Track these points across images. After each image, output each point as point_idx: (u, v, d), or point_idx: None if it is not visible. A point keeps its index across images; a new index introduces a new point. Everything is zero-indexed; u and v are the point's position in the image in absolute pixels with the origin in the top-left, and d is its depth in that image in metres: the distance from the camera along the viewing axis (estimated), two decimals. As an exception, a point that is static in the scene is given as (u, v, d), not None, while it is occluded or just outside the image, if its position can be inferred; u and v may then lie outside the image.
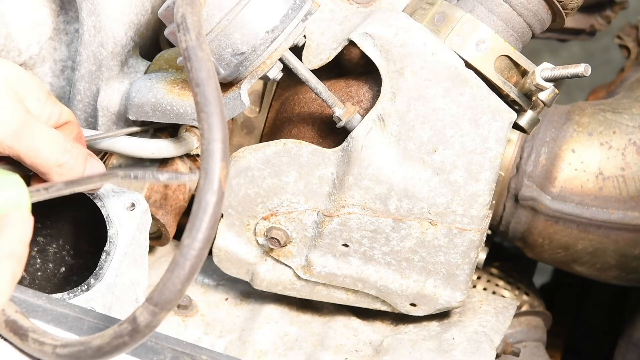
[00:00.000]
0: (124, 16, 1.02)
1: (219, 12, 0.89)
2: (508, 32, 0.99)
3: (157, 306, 0.74)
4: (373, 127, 0.96)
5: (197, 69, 0.77)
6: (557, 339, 1.41)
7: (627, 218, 1.16)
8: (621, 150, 1.17)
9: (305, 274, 1.03)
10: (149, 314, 0.74)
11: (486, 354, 1.02)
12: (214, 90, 0.76)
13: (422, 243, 0.99)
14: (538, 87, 0.95)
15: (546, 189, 1.17)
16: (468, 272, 1.01)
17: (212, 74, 0.77)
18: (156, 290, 0.74)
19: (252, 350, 1.05)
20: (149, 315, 0.74)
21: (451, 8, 0.98)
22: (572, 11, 1.00)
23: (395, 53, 0.95)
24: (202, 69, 0.77)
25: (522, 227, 1.20)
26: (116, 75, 1.05)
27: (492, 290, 1.29)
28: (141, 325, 0.75)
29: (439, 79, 0.95)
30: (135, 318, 0.75)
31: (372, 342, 1.07)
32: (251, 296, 1.11)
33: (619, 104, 1.21)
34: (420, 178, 0.97)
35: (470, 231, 0.98)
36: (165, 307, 0.74)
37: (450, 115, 0.96)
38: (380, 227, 0.98)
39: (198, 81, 0.77)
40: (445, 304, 1.03)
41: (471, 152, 0.96)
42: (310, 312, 1.10)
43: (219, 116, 0.75)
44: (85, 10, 1.01)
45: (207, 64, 0.78)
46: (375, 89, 0.99)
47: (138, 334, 0.75)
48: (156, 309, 0.74)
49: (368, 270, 1.02)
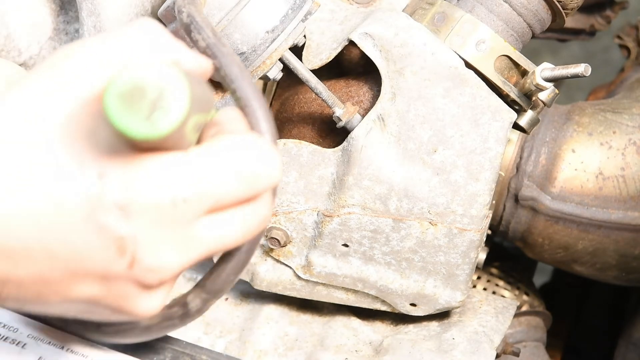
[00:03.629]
0: (124, 16, 1.02)
1: (219, 12, 0.90)
2: (508, 32, 0.99)
3: (209, 294, 0.75)
4: (373, 127, 0.96)
5: (227, 64, 0.75)
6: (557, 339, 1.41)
7: (627, 218, 1.16)
8: (621, 150, 1.17)
9: (305, 274, 1.03)
10: (201, 300, 0.75)
11: (486, 354, 1.02)
12: (251, 83, 0.75)
13: (422, 243, 0.99)
14: (538, 87, 0.95)
15: (546, 189, 1.17)
16: (468, 272, 1.01)
17: (242, 66, 0.76)
18: (209, 279, 0.75)
19: (252, 350, 1.05)
20: (200, 302, 0.75)
21: (451, 8, 0.98)
22: (572, 11, 1.00)
23: (395, 53, 0.95)
24: (232, 63, 0.75)
25: (522, 227, 1.20)
26: (116, 75, 1.05)
27: (492, 290, 1.29)
28: (192, 311, 0.76)
29: (439, 79, 0.95)
30: (186, 303, 0.76)
31: (372, 342, 1.07)
32: (251, 296, 1.11)
33: (619, 104, 1.21)
34: (420, 178, 0.97)
35: (470, 231, 0.98)
36: (216, 296, 0.75)
37: (450, 115, 0.96)
38: (380, 227, 0.98)
39: (232, 77, 0.75)
40: (445, 304, 1.03)
41: (471, 152, 0.96)
42: (310, 312, 1.10)
43: (263, 109, 0.74)
44: (85, 10, 1.01)
45: (234, 57, 0.76)
46: (375, 89, 1.00)
47: (188, 318, 0.76)
48: (208, 296, 0.75)
49: (368, 270, 1.02)
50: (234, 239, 0.69)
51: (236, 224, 0.68)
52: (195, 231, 0.66)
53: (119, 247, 0.63)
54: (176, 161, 0.64)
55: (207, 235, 0.67)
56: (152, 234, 0.64)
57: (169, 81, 0.60)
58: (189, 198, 0.64)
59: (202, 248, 0.67)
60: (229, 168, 0.66)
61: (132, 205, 0.62)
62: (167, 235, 0.64)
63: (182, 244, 0.65)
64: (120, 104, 0.59)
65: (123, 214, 0.62)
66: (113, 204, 0.62)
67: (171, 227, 0.64)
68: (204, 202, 0.65)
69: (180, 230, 0.65)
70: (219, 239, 0.68)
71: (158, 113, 0.60)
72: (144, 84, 0.60)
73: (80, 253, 0.63)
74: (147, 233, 0.63)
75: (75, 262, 0.63)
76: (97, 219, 0.62)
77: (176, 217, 0.64)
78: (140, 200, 0.62)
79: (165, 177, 0.63)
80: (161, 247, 0.64)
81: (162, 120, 0.60)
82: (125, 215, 0.62)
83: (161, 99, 0.60)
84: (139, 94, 0.60)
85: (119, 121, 0.59)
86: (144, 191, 0.62)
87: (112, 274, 0.65)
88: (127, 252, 0.63)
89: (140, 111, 0.59)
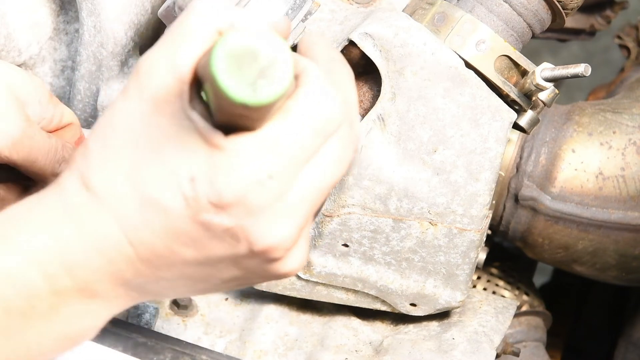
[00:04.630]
0: (124, 16, 1.02)
1: (219, 12, 0.90)
2: (508, 32, 0.99)
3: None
4: (373, 127, 0.96)
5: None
6: (557, 339, 1.41)
7: (627, 218, 1.16)
8: (621, 150, 1.17)
9: (305, 274, 1.03)
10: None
11: (486, 354, 1.02)
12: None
13: (422, 243, 0.99)
14: (538, 87, 0.95)
15: (546, 189, 1.17)
16: (468, 272, 1.01)
17: None
18: None
19: (252, 350, 1.05)
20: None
21: (451, 8, 0.98)
22: (572, 11, 1.00)
23: (395, 53, 0.95)
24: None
25: (522, 227, 1.20)
26: (116, 75, 1.05)
27: (492, 290, 1.29)
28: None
29: (439, 79, 0.95)
30: None
31: (372, 342, 1.07)
32: (251, 296, 1.11)
33: (619, 104, 1.21)
34: (420, 178, 0.97)
35: (470, 231, 0.98)
36: None
37: (450, 115, 0.96)
38: (380, 227, 0.98)
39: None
40: (445, 304, 1.03)
41: (471, 152, 0.96)
42: (310, 312, 1.10)
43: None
44: (85, 10, 1.01)
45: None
46: (375, 89, 1.00)
47: None
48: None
49: (368, 270, 1.02)
50: (331, 180, 0.70)
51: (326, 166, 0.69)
52: (292, 195, 0.68)
53: (231, 237, 0.67)
54: (252, 143, 0.66)
55: (305, 193, 0.68)
56: (254, 217, 0.66)
57: (280, 52, 0.60)
58: (273, 173, 0.66)
59: (306, 206, 0.68)
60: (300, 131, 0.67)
61: (224, 200, 0.65)
62: (267, 212, 0.67)
63: (286, 213, 0.67)
64: (229, 62, 0.59)
65: (219, 210, 0.66)
66: (208, 202, 0.65)
67: (268, 204, 0.66)
68: (289, 170, 0.67)
69: (278, 203, 0.67)
70: (317, 189, 0.69)
71: (263, 81, 0.60)
72: (256, 50, 0.60)
73: (203, 248, 0.67)
74: (249, 218, 0.66)
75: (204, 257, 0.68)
76: (201, 220, 0.66)
77: (269, 194, 0.66)
78: (228, 193, 0.65)
79: (244, 164, 0.65)
80: (268, 225, 0.67)
81: (265, 89, 0.60)
82: (222, 210, 0.66)
83: (269, 69, 0.60)
84: (249, 59, 0.60)
85: (223, 79, 0.59)
86: (229, 184, 0.65)
87: (240, 258, 0.68)
88: (241, 239, 0.67)
89: (246, 75, 0.59)
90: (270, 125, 0.66)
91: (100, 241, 0.67)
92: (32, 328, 0.68)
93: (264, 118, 0.65)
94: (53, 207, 0.68)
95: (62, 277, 0.67)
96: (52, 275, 0.67)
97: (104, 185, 0.67)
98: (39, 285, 0.67)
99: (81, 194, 0.67)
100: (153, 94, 0.66)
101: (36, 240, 0.67)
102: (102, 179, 0.67)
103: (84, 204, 0.67)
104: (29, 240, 0.67)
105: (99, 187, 0.67)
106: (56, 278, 0.67)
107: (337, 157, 0.69)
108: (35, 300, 0.67)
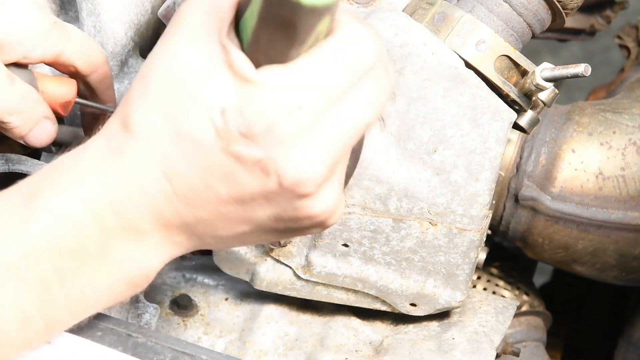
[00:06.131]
0: (124, 16, 1.02)
1: (219, 12, 0.90)
2: (508, 32, 0.99)
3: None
4: (373, 127, 0.96)
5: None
6: (557, 339, 1.41)
7: (627, 218, 1.16)
8: (621, 150, 1.17)
9: (305, 274, 1.03)
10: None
11: (486, 354, 1.02)
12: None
13: (422, 243, 0.99)
14: (538, 87, 0.95)
15: (546, 189, 1.17)
16: (468, 272, 1.01)
17: None
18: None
19: (252, 350, 1.05)
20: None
21: (451, 8, 0.98)
22: (572, 11, 1.00)
23: (395, 53, 0.95)
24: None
25: (522, 227, 1.20)
26: (116, 75, 1.05)
27: (492, 290, 1.29)
28: None
29: (439, 79, 0.95)
30: None
31: (372, 342, 1.07)
32: (251, 296, 1.11)
33: (619, 104, 1.21)
34: (420, 178, 0.97)
35: (470, 231, 0.98)
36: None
37: (450, 115, 0.96)
38: (380, 227, 0.98)
39: None
40: (445, 304, 1.03)
41: (471, 152, 0.96)
42: (310, 312, 1.10)
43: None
44: (85, 10, 1.01)
45: None
46: (375, 89, 1.00)
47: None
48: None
49: (368, 270, 1.02)
50: (363, 121, 0.69)
51: (359, 105, 0.69)
52: (322, 130, 0.68)
53: (262, 169, 0.67)
54: (282, 75, 0.66)
55: (335, 130, 0.68)
56: (283, 149, 0.67)
57: None
58: (302, 105, 0.66)
59: (336, 143, 0.68)
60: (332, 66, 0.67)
61: (253, 130, 0.66)
62: (296, 145, 0.67)
63: (315, 147, 0.67)
64: None
65: (249, 141, 0.66)
66: (238, 133, 0.66)
67: (296, 134, 0.67)
68: (318, 103, 0.67)
69: (306, 136, 0.67)
70: (349, 128, 0.69)
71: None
72: None
73: (235, 183, 0.68)
74: (279, 149, 0.67)
75: (237, 193, 0.69)
76: (232, 151, 0.67)
77: (298, 126, 0.66)
78: (257, 123, 0.66)
79: (273, 95, 0.66)
80: (298, 158, 0.67)
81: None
82: (252, 140, 0.66)
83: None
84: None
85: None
86: (258, 114, 0.66)
87: (271, 193, 0.69)
88: (270, 172, 0.67)
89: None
90: (302, 59, 0.66)
91: (140, 178, 0.68)
92: (84, 269, 0.70)
93: (303, 41, 0.65)
94: (97, 148, 0.70)
95: (108, 216, 0.69)
96: (99, 214, 0.69)
97: (141, 124, 0.68)
98: (88, 224, 0.69)
99: (121, 134, 0.69)
100: (192, 31, 0.67)
101: (82, 181, 0.69)
102: (140, 118, 0.68)
103: (123, 143, 0.69)
104: (76, 182, 0.69)
105: (137, 126, 0.68)
106: (103, 217, 0.69)
107: (371, 98, 0.69)
108: (85, 240, 0.69)
